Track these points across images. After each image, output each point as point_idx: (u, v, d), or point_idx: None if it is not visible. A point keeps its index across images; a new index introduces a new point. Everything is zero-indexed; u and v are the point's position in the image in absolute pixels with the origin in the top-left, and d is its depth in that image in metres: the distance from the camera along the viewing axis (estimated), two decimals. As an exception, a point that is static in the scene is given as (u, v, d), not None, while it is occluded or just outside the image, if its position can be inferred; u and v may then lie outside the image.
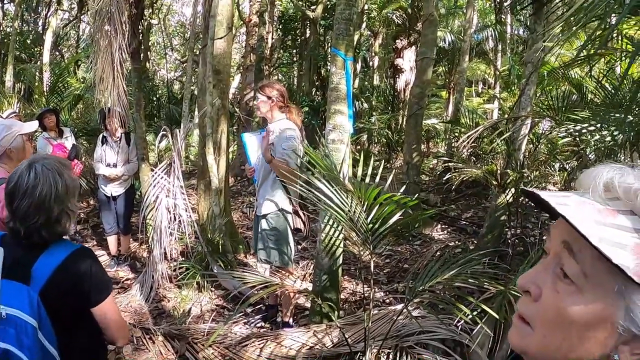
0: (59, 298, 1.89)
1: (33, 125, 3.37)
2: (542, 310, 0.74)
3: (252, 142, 4.63)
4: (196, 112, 12.07)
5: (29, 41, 17.80)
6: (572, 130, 4.87)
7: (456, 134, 11.09)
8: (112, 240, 6.55)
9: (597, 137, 4.73)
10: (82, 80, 13.88)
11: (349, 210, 3.23)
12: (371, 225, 3.19)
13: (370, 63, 18.31)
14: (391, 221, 3.20)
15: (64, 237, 2.07)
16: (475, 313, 3.86)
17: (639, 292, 0.66)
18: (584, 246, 0.69)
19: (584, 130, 4.78)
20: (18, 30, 16.60)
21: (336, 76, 4.01)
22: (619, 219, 0.69)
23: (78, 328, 2.01)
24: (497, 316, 3.07)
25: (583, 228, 0.68)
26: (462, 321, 3.78)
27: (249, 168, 4.62)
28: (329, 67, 12.82)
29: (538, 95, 8.21)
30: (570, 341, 0.71)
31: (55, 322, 1.86)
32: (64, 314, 1.94)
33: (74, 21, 20.87)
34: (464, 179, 5.75)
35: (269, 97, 4.31)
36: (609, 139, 4.43)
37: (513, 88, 14.58)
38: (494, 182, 5.07)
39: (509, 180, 5.01)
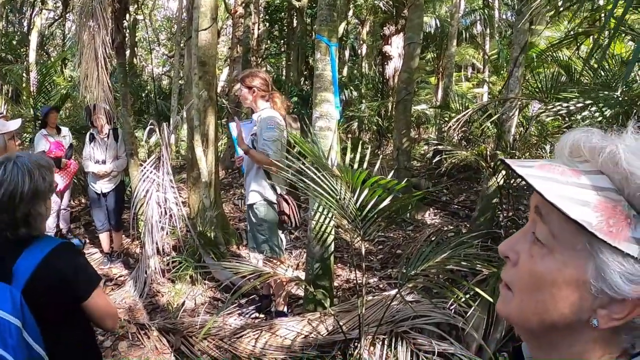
0: (43, 295, 1.85)
1: (16, 123, 3.35)
2: (519, 274, 0.75)
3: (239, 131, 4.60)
4: (185, 106, 12.01)
5: (14, 42, 17.66)
6: (562, 109, 4.87)
7: (446, 119, 11.06)
8: (104, 238, 6.51)
9: (586, 113, 4.74)
10: (69, 79, 13.79)
11: (338, 197, 3.22)
12: (360, 210, 3.17)
13: (359, 51, 18.25)
14: (381, 206, 3.19)
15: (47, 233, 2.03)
16: (468, 296, 3.88)
17: (607, 250, 0.65)
18: (551, 208, 0.68)
19: (572, 108, 4.79)
20: (3, 32, 16.47)
21: (321, 63, 3.98)
22: (583, 179, 0.69)
23: (66, 324, 1.98)
24: (490, 299, 3.07)
25: (539, 186, 0.68)
26: (456, 305, 3.79)
27: (238, 158, 4.59)
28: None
29: (527, 77, 8.21)
30: (544, 304, 0.71)
31: (40, 320, 1.82)
32: (50, 311, 1.90)
33: (59, 20, 20.72)
34: (455, 163, 5.75)
35: (250, 87, 4.27)
36: (597, 114, 4.43)
37: (502, 72, 14.55)
38: (484, 164, 5.05)
39: (499, 162, 5.00)
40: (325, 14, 3.94)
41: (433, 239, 6.36)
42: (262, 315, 4.73)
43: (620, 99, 4.39)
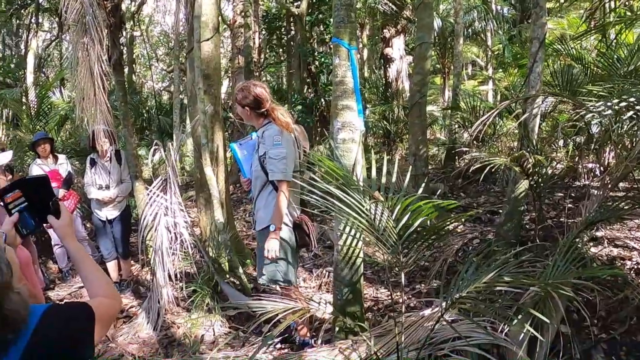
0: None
1: (7, 156, 3.08)
2: None
3: (242, 151, 4.24)
4: (187, 122, 11.76)
5: (12, 65, 17.50)
6: (586, 106, 4.56)
7: (457, 119, 10.76)
8: (111, 266, 6.20)
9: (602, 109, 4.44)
10: (68, 99, 13.57)
11: (373, 220, 2.89)
12: (400, 236, 2.86)
13: (359, 56, 17.99)
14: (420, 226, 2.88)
15: None
16: (509, 310, 3.58)
17: None
18: None
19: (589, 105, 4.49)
20: (0, 55, 16.31)
21: (341, 68, 3.63)
22: None
23: None
24: (537, 314, 2.75)
25: None
26: (499, 323, 3.50)
27: (244, 180, 4.24)
28: (319, 62, 12.62)
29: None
30: None
31: None
32: None
33: (56, 41, 20.58)
34: (471, 164, 5.44)
35: (243, 106, 3.96)
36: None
37: (509, 68, 14.27)
38: (518, 169, 4.72)
39: (530, 165, 4.68)
40: (343, 15, 3.59)
41: (458, 247, 6.06)
42: (286, 345, 4.39)
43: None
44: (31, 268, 2.88)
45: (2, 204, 1.88)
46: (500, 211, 5.97)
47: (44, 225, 2.04)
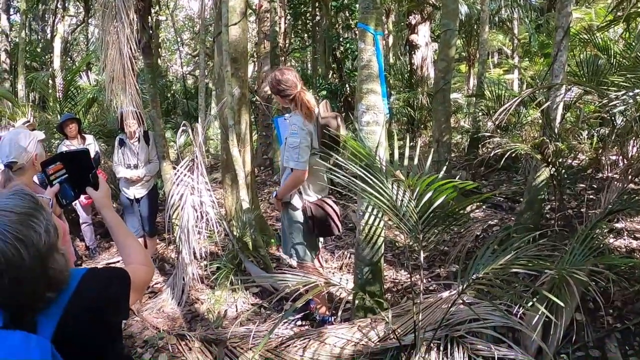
0: (76, 339, 1.54)
1: (41, 134, 3.28)
2: None
3: (283, 126, 4.50)
4: (212, 105, 11.87)
5: (39, 49, 17.78)
6: (610, 97, 4.56)
7: (482, 107, 10.72)
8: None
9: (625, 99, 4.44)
10: (94, 83, 13.78)
11: (394, 200, 2.99)
12: (420, 216, 2.94)
13: (384, 42, 17.93)
14: (439, 207, 2.96)
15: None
16: (525, 294, 3.63)
17: None
18: None
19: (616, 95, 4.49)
20: (27, 40, 16.56)
21: (366, 53, 3.71)
22: None
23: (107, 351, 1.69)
24: (552, 297, 2.80)
25: None
26: (515, 306, 3.56)
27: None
28: (344, 47, 12.63)
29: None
30: None
31: None
32: (88, 353, 1.60)
33: (82, 25, 20.83)
34: (498, 153, 5.46)
35: (273, 93, 4.16)
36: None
37: (535, 57, 14.12)
38: (539, 157, 4.75)
39: (551, 153, 4.70)
40: (368, 1, 3.66)
41: (478, 233, 6.11)
42: (306, 322, 4.51)
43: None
44: (68, 238, 3.03)
45: (44, 175, 2.00)
46: (522, 199, 6.00)
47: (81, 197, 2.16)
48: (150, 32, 6.42)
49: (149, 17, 6.59)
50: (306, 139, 3.89)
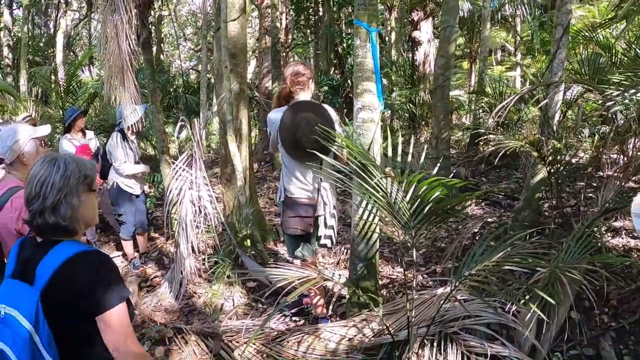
0: (58, 301, 1.75)
1: (46, 129, 3.23)
2: None
3: None
4: (214, 100, 11.92)
5: (41, 44, 17.81)
6: (610, 95, 4.57)
7: (482, 104, 10.73)
8: (129, 245, 6.24)
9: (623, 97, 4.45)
10: (96, 77, 13.81)
11: (388, 196, 3.00)
12: (413, 214, 2.96)
13: (387, 38, 17.89)
14: (431, 204, 2.97)
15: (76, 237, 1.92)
16: (519, 292, 3.64)
17: None
18: None
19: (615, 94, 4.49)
20: (29, 35, 16.60)
21: (361, 50, 3.71)
22: None
23: (81, 336, 1.82)
24: (545, 296, 2.81)
25: None
26: (508, 303, 3.58)
27: None
28: (347, 44, 12.62)
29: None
30: None
31: (55, 328, 1.74)
32: (66, 318, 1.78)
33: (84, 20, 20.85)
34: (498, 150, 5.47)
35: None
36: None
37: (537, 54, 14.10)
38: (535, 154, 4.76)
39: (549, 151, 4.71)
40: (364, -2, 3.68)
41: (476, 230, 6.12)
42: (301, 317, 4.54)
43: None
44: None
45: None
46: (520, 197, 6.01)
47: None
48: (151, 27, 6.42)
49: (150, 12, 6.60)
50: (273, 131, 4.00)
